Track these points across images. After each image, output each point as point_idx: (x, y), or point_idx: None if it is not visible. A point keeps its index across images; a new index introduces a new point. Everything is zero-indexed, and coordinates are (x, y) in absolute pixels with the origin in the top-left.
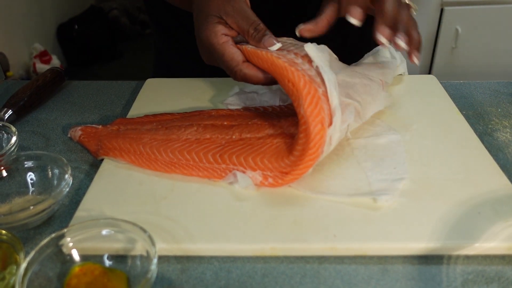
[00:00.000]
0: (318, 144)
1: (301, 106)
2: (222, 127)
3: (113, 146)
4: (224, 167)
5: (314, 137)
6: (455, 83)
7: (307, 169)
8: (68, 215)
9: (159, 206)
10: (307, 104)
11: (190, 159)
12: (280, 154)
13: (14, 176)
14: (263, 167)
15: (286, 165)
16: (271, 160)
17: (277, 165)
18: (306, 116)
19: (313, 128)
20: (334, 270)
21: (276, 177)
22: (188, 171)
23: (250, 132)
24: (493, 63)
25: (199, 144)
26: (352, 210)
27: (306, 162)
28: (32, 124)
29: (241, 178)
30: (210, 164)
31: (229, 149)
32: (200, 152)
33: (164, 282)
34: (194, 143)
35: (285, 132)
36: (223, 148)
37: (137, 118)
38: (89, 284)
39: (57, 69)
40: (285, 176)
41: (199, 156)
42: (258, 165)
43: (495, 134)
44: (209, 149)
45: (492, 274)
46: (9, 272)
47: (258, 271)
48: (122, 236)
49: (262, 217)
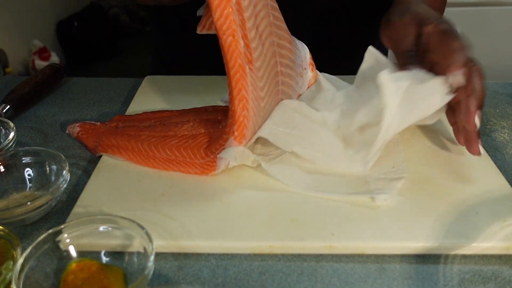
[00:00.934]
0: (234, 60)
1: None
2: (216, 121)
3: (111, 143)
4: (213, 158)
5: (228, 49)
6: None
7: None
8: (66, 211)
9: (157, 203)
10: (217, 17)
11: (186, 156)
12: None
13: (12, 172)
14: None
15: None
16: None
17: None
18: (217, 30)
19: (225, 41)
20: (332, 268)
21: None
22: (185, 168)
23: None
24: (492, 64)
25: (194, 140)
26: (350, 209)
27: (232, 82)
28: (31, 120)
29: (227, 153)
30: (203, 159)
31: (216, 140)
32: (194, 148)
33: (161, 279)
34: (190, 138)
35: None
36: (211, 140)
37: (135, 115)
38: (86, 280)
39: (56, 65)
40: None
41: (194, 152)
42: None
43: (493, 135)
44: (202, 143)
45: (489, 274)
46: (6, 268)
47: (255, 269)
48: (119, 233)
49: (260, 215)
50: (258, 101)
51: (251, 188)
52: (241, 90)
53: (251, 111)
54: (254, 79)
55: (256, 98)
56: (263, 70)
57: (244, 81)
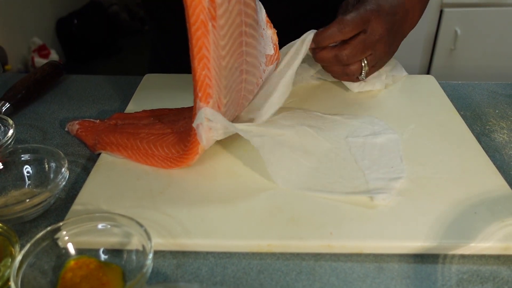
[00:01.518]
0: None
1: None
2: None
3: (110, 140)
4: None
5: (190, 2)
6: (454, 84)
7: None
8: (64, 208)
9: (156, 201)
10: None
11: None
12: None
13: (11, 169)
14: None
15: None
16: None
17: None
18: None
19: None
20: (330, 267)
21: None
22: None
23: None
24: (492, 65)
25: (192, 136)
26: (349, 208)
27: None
28: (30, 118)
29: (199, 118)
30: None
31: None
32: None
33: (159, 277)
34: (188, 135)
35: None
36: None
37: (134, 113)
38: (84, 278)
39: (55, 63)
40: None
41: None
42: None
43: (492, 135)
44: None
45: (487, 274)
46: (4, 265)
47: (253, 267)
48: (118, 230)
49: (259, 213)
50: (219, 59)
51: (250, 187)
52: (202, 48)
53: (213, 70)
54: (217, 37)
55: (217, 56)
56: (227, 29)
57: (205, 39)
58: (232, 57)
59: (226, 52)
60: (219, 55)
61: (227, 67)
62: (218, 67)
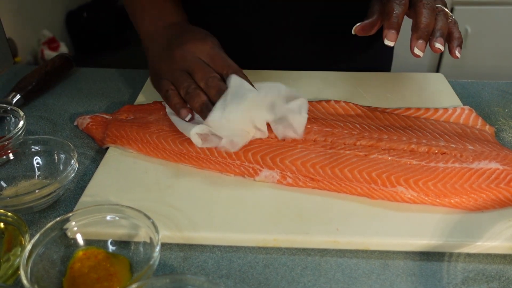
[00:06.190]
0: None
1: None
2: None
3: (121, 134)
4: (239, 163)
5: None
6: (463, 82)
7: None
8: (73, 200)
9: (164, 194)
10: None
11: (200, 152)
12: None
13: (21, 160)
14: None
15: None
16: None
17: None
18: None
19: None
20: (336, 263)
21: (297, 179)
22: (198, 163)
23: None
24: (502, 64)
25: None
26: (355, 205)
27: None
28: (40, 109)
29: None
30: (223, 159)
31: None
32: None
33: (166, 269)
34: None
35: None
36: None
37: (144, 105)
38: (92, 268)
39: (65, 55)
40: (309, 182)
41: (211, 150)
42: (289, 168)
43: (501, 134)
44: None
45: (493, 273)
46: (14, 254)
47: (259, 261)
48: (126, 222)
49: (266, 208)
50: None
51: (258, 183)
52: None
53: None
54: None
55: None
56: None
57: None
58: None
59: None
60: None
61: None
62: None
